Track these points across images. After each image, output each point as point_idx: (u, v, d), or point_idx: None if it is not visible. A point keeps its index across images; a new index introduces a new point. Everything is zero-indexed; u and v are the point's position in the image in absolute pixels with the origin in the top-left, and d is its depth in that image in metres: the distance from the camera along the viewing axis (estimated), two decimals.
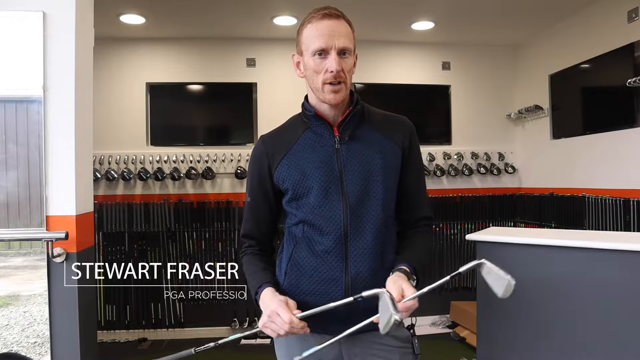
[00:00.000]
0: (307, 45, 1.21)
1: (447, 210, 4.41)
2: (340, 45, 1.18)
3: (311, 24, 1.20)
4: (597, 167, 3.55)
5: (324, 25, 1.18)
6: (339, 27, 1.19)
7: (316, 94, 1.24)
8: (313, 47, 1.19)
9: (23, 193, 2.01)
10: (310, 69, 1.21)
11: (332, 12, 1.20)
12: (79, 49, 1.99)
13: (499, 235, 2.04)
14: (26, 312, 2.11)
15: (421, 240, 1.31)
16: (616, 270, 1.71)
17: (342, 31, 1.19)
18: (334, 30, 1.18)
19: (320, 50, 1.18)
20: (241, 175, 4.17)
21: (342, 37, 1.18)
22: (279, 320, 1.11)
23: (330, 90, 1.20)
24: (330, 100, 1.21)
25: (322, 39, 1.18)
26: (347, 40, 1.19)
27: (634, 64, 3.16)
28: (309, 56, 1.21)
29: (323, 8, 1.21)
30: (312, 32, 1.20)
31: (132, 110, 4.25)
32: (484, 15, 3.83)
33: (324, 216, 1.22)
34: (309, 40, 1.20)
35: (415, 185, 1.33)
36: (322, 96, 1.22)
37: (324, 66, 1.18)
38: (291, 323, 1.10)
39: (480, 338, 2.11)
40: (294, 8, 3.67)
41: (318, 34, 1.18)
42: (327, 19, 1.19)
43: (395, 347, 1.27)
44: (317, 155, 1.25)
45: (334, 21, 1.19)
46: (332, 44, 1.17)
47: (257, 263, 1.29)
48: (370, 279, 1.23)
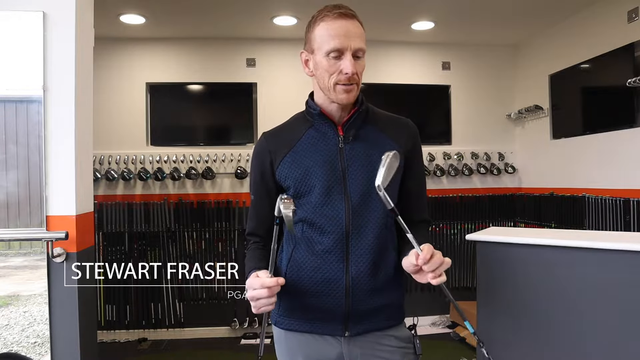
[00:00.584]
0: (320, 45, 1.18)
1: (447, 210, 4.41)
2: (356, 47, 1.16)
3: (325, 23, 1.17)
4: (597, 167, 3.55)
5: (339, 25, 1.15)
6: (354, 27, 1.17)
7: (326, 93, 1.22)
8: (327, 47, 1.16)
9: (23, 193, 2.01)
10: (322, 68, 1.19)
11: (347, 12, 1.17)
12: (79, 49, 1.99)
13: (499, 235, 2.04)
14: (26, 312, 2.11)
15: (424, 233, 1.30)
16: (616, 270, 1.71)
17: (357, 32, 1.17)
18: (349, 31, 1.15)
19: (336, 51, 1.15)
20: (241, 175, 4.17)
21: (357, 39, 1.16)
22: (256, 290, 1.10)
23: (343, 91, 1.18)
24: (342, 100, 1.20)
25: (337, 40, 1.15)
26: (361, 41, 1.17)
27: (634, 64, 3.16)
28: (322, 55, 1.17)
29: (337, 7, 1.18)
30: (326, 31, 1.16)
31: (132, 110, 4.25)
32: (484, 15, 3.83)
33: (326, 215, 1.22)
34: (322, 39, 1.17)
35: (417, 187, 1.33)
36: (334, 96, 1.20)
37: (338, 67, 1.16)
38: (262, 283, 1.09)
39: (480, 338, 2.11)
40: (294, 8, 3.67)
41: (333, 33, 1.15)
42: (343, 18, 1.16)
43: (396, 347, 1.26)
44: (321, 154, 1.24)
45: (349, 21, 1.16)
46: (347, 45, 1.15)
47: (256, 255, 1.29)
48: (370, 279, 1.23)
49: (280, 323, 1.30)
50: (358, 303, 1.22)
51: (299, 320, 1.27)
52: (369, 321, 1.24)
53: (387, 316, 1.27)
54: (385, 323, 1.26)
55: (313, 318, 1.25)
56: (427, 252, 1.04)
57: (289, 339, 1.29)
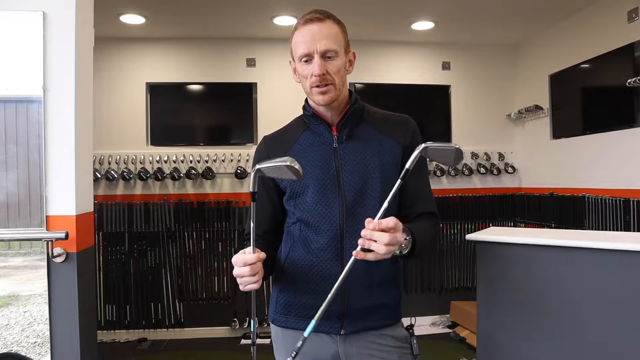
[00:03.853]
0: (295, 52, 1.25)
1: (447, 210, 4.41)
2: (322, 49, 1.19)
3: (297, 30, 1.23)
4: (597, 167, 3.55)
5: (306, 31, 1.20)
6: (321, 30, 1.20)
7: (309, 98, 1.28)
8: (298, 53, 1.22)
9: (23, 193, 2.01)
10: (300, 74, 1.25)
11: (314, 17, 1.21)
12: (79, 49, 1.99)
13: (499, 235, 2.04)
14: (26, 312, 2.10)
15: (423, 222, 1.27)
16: (616, 270, 1.71)
17: (325, 33, 1.19)
18: (315, 35, 1.19)
19: (305, 56, 1.20)
20: (241, 175, 4.17)
21: (324, 40, 1.19)
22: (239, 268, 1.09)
23: (318, 92, 1.22)
24: (319, 101, 1.23)
25: (304, 45, 1.20)
26: (330, 42, 1.19)
27: (634, 64, 3.16)
28: (298, 62, 1.24)
29: (308, 12, 1.23)
30: (297, 38, 1.22)
31: (132, 110, 4.25)
32: (484, 15, 3.83)
33: (320, 214, 1.23)
34: (295, 46, 1.24)
35: (415, 181, 1.29)
36: (312, 98, 1.25)
37: (310, 70, 1.20)
38: (244, 260, 1.08)
39: (480, 338, 2.11)
40: (294, 8, 3.67)
41: (301, 39, 1.21)
42: (309, 23, 1.20)
43: (393, 347, 1.27)
44: (315, 154, 1.27)
45: (317, 24, 1.20)
46: (313, 48, 1.19)
47: None
48: (365, 278, 1.23)
49: (277, 321, 1.31)
50: (354, 301, 1.23)
51: (295, 318, 1.28)
52: (365, 320, 1.24)
53: (383, 315, 1.27)
54: (381, 322, 1.27)
55: (309, 316, 1.25)
56: (385, 221, 1.01)
57: (285, 336, 1.30)
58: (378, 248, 1.00)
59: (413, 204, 1.29)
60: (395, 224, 1.02)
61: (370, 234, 1.01)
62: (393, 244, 1.01)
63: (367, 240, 1.01)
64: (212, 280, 4.17)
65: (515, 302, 1.96)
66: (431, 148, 1.04)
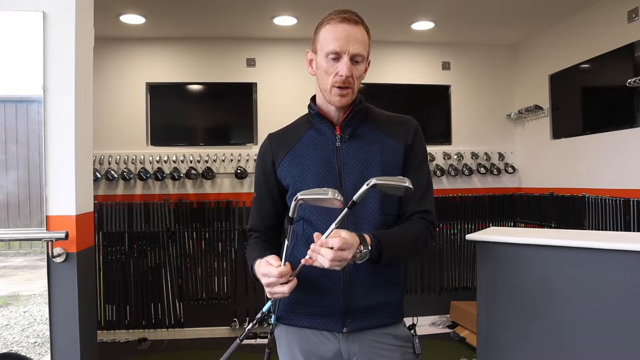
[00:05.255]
0: (322, 46, 1.22)
1: (447, 210, 4.41)
2: (354, 52, 1.19)
3: (329, 25, 1.22)
4: (597, 167, 3.55)
5: (341, 29, 1.20)
6: (356, 33, 1.20)
7: (324, 94, 1.27)
8: (327, 48, 1.21)
9: (23, 193, 2.01)
10: (322, 69, 1.24)
11: (351, 17, 1.21)
12: (79, 49, 1.99)
13: (499, 235, 2.04)
14: (26, 312, 2.11)
15: (405, 226, 1.26)
16: (616, 270, 1.71)
17: (359, 37, 1.20)
18: (349, 36, 1.19)
19: (334, 53, 1.20)
20: (241, 175, 4.17)
21: (357, 44, 1.20)
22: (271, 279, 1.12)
23: (337, 94, 1.22)
24: (336, 102, 1.24)
25: (337, 42, 1.19)
26: (361, 47, 1.21)
27: (634, 64, 3.16)
28: (322, 56, 1.23)
29: (344, 11, 1.22)
30: (328, 33, 1.21)
31: (132, 110, 4.25)
32: (484, 15, 3.83)
33: (322, 213, 1.24)
34: (324, 41, 1.22)
35: (414, 179, 1.30)
36: (329, 97, 1.25)
37: (335, 69, 1.20)
38: (280, 273, 1.11)
39: (480, 338, 2.11)
40: (294, 8, 3.67)
41: (334, 36, 1.20)
42: (346, 23, 1.20)
43: (395, 345, 1.27)
44: (318, 153, 1.28)
45: (352, 26, 1.20)
46: (346, 48, 1.19)
47: (258, 247, 1.31)
48: (368, 277, 1.24)
49: (281, 318, 1.32)
50: (356, 299, 1.24)
51: (298, 316, 1.28)
52: (367, 318, 1.25)
53: (385, 314, 1.27)
54: (383, 321, 1.27)
55: (312, 313, 1.27)
56: (332, 241, 1.03)
57: (289, 334, 1.31)
58: (323, 261, 1.05)
59: (407, 202, 1.28)
60: (340, 245, 1.03)
61: (317, 249, 1.05)
62: (338, 260, 1.04)
63: (314, 253, 1.06)
64: (212, 280, 4.17)
65: (515, 302, 1.96)
66: (380, 184, 1.07)
